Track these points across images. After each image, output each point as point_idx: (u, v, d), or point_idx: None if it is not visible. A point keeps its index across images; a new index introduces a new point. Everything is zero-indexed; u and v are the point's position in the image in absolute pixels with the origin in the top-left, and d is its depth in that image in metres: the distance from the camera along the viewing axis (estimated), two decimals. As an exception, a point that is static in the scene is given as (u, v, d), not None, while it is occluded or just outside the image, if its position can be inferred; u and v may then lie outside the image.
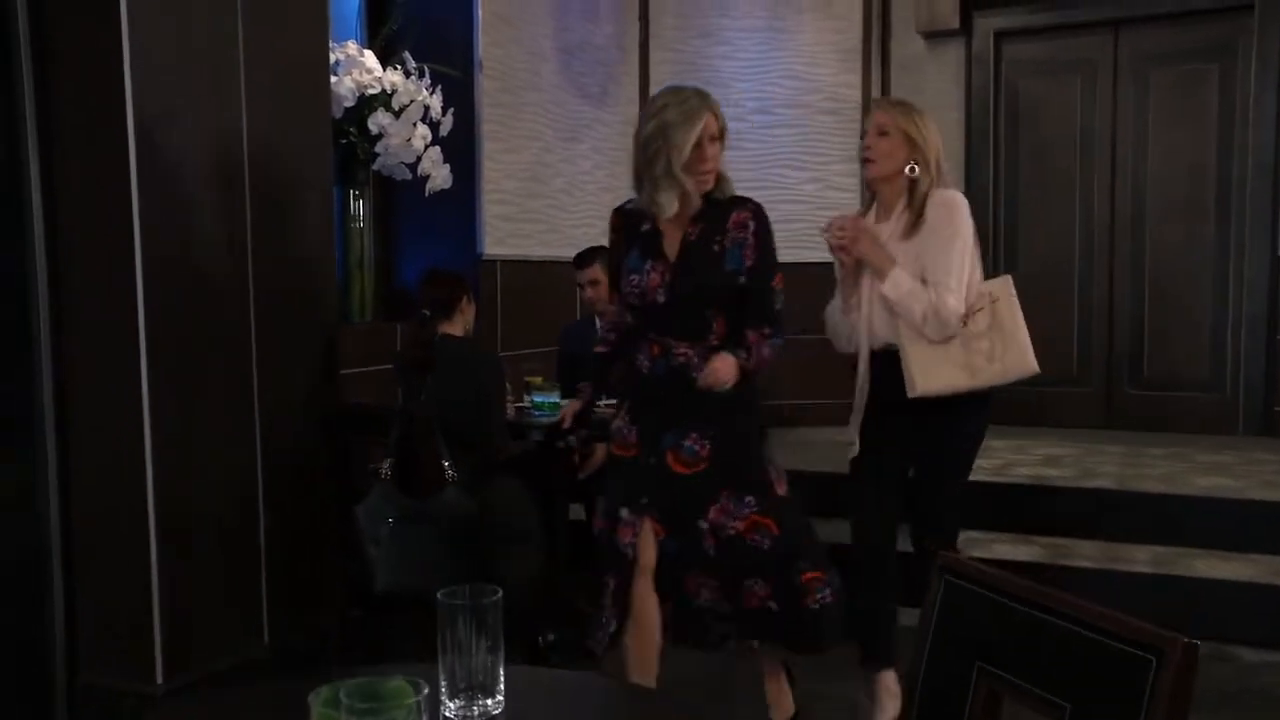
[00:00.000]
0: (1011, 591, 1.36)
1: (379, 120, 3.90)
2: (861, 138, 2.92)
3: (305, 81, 3.25)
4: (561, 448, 3.55)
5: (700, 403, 2.65)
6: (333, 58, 3.64)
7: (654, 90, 5.86)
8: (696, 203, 2.68)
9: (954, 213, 2.85)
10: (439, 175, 4.11)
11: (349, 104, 3.85)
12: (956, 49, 5.85)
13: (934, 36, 5.83)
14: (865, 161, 2.93)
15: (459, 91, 4.41)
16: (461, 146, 4.42)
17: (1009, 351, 2.87)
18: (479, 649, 1.26)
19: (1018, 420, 5.68)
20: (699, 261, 2.67)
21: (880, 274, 2.85)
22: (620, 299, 2.81)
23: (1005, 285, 2.92)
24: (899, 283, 2.82)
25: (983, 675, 1.39)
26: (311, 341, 3.25)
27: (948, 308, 2.79)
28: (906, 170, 2.85)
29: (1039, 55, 5.82)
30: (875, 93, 5.89)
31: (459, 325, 3.52)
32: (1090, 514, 4.27)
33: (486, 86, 4.64)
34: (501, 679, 1.27)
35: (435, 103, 4.12)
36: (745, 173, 5.80)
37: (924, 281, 2.82)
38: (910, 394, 2.82)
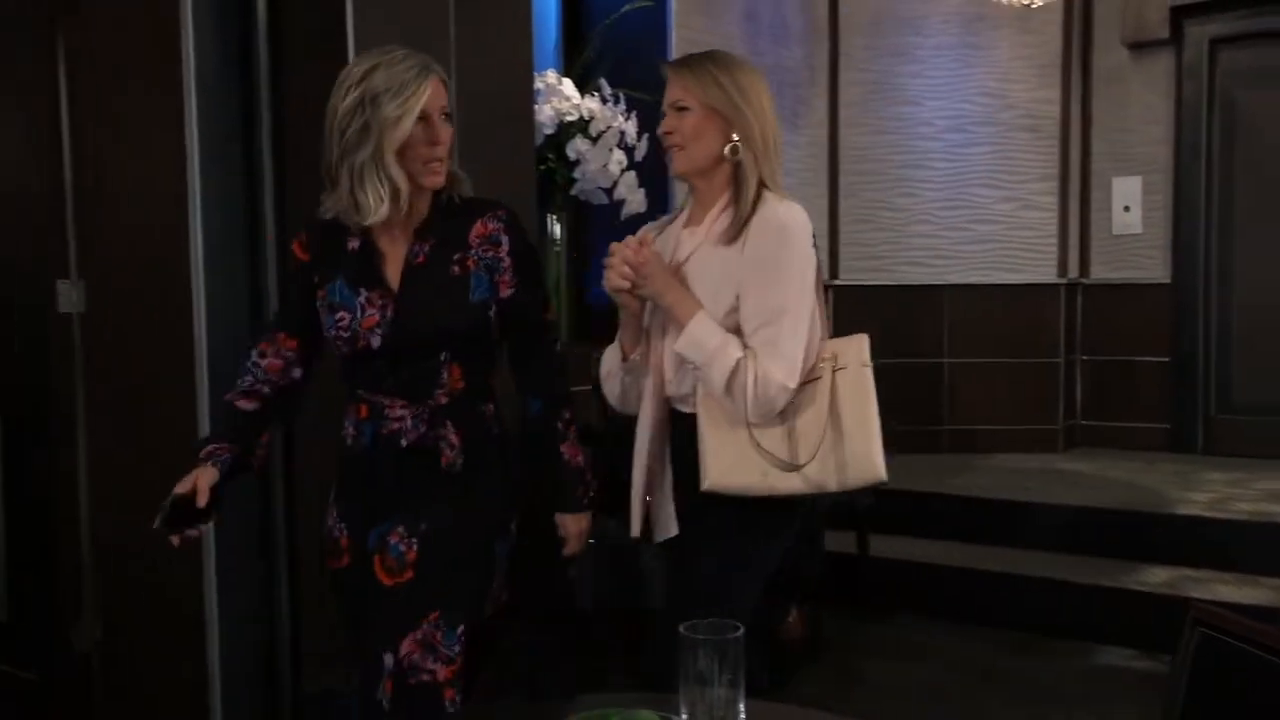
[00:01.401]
0: (1286, 649, 1.27)
1: (577, 146, 3.99)
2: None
3: (511, 112, 3.35)
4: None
5: (415, 483, 1.94)
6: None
7: (845, 112, 5.83)
8: (422, 209, 1.97)
9: (788, 239, 1.98)
10: (634, 199, 4.16)
11: (549, 131, 3.96)
12: (1165, 59, 5.56)
13: (1140, 47, 5.56)
14: (667, 150, 2.10)
15: (652, 116, 4.46)
16: (655, 170, 4.47)
17: (846, 445, 1.95)
18: (720, 682, 1.27)
19: (1233, 452, 5.34)
20: (431, 291, 1.94)
21: (676, 322, 2.01)
22: (282, 341, 2.03)
23: (857, 349, 2.02)
24: (701, 340, 1.95)
25: (1249, 737, 1.30)
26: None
27: (772, 383, 1.93)
28: (727, 152, 2.03)
29: (1260, 63, 5.45)
30: (1076, 108, 5.67)
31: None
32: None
33: (679, 111, 4.68)
34: (742, 713, 1.27)
35: (630, 128, 4.19)
36: (935, 193, 5.70)
37: (738, 329, 1.99)
38: (702, 485, 1.98)
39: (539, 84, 3.95)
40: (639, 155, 4.23)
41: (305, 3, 2.79)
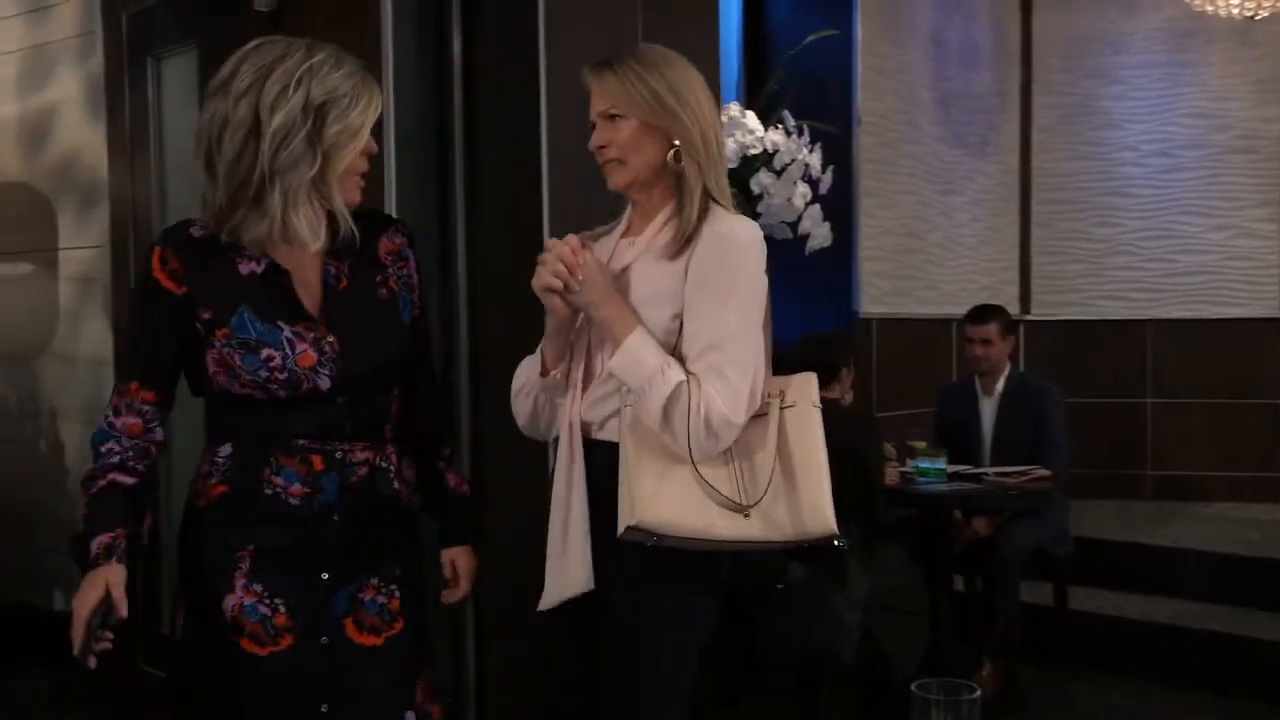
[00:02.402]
0: None
1: (761, 180, 3.92)
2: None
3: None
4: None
5: (383, 532, 1.74)
6: (719, 121, 3.70)
7: (1038, 137, 5.59)
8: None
9: (740, 257, 1.76)
10: (819, 233, 4.06)
11: (732, 165, 3.90)
12: None
13: (1385, 55, 5.13)
14: (602, 165, 1.87)
15: (837, 147, 4.38)
16: (838, 203, 4.37)
17: (795, 493, 1.73)
18: (953, 745, 1.20)
19: None
20: (368, 319, 1.73)
21: (611, 337, 1.78)
22: (135, 393, 1.66)
23: (805, 386, 1.81)
24: (640, 359, 1.72)
25: None
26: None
27: (715, 415, 1.69)
28: (669, 158, 1.80)
29: None
30: (1301, 126, 5.27)
31: (835, 391, 3.47)
32: None
33: (864, 141, 4.58)
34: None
35: (815, 160, 4.09)
36: (1138, 221, 5.39)
37: (678, 353, 1.76)
38: (620, 527, 1.71)
39: (723, 118, 3.91)
40: (824, 188, 4.14)
41: (497, 43, 2.85)
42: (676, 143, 1.79)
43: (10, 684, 3.82)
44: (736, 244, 1.76)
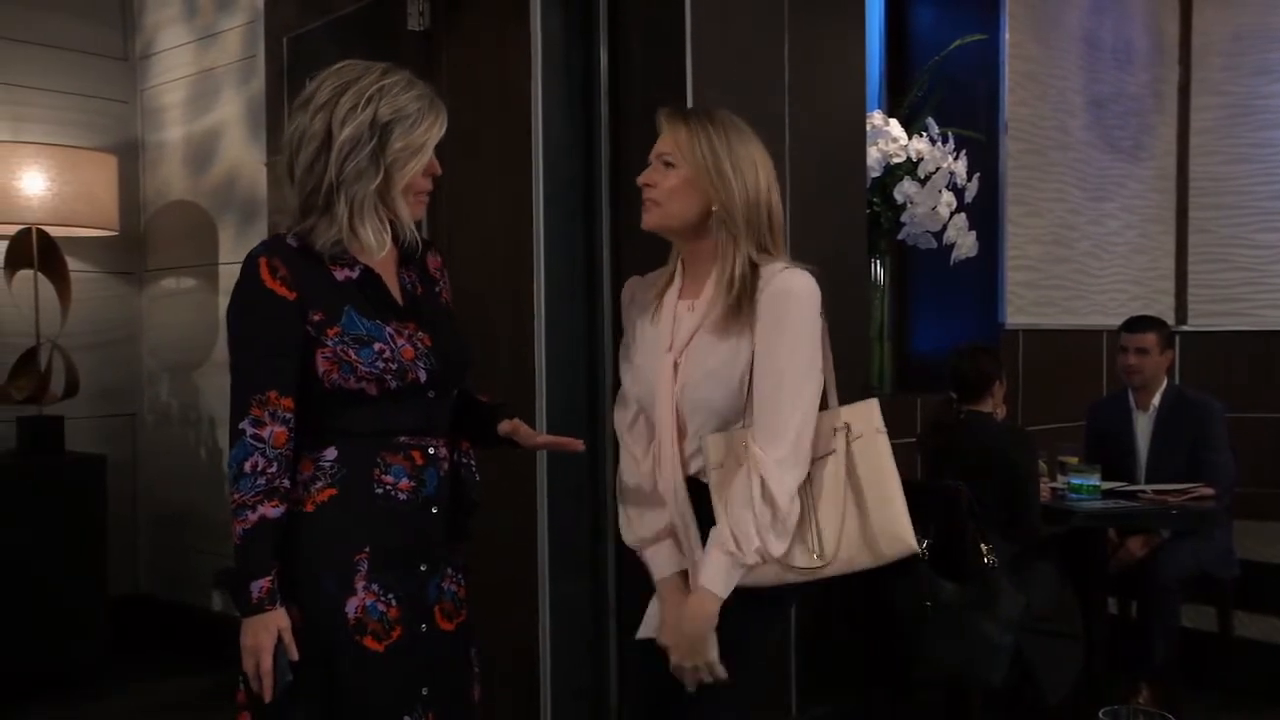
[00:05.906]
0: None
1: (905, 189, 3.85)
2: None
3: (843, 156, 3.27)
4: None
5: (458, 520, 1.84)
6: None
7: (1197, 139, 5.33)
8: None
9: (788, 312, 1.82)
10: (965, 243, 3.97)
11: (875, 174, 3.85)
12: None
13: None
14: (643, 202, 1.92)
15: (982, 154, 4.26)
16: (984, 211, 4.26)
17: (871, 520, 1.81)
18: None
19: None
20: (443, 319, 1.84)
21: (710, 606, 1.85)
22: (275, 401, 1.68)
23: (868, 415, 1.88)
24: (723, 578, 1.81)
25: None
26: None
27: (772, 489, 1.78)
28: (711, 220, 1.87)
29: None
30: None
31: (988, 404, 3.37)
32: None
33: (1011, 148, 4.44)
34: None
35: (960, 168, 4.00)
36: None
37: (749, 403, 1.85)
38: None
39: (866, 126, 3.85)
40: (969, 196, 4.03)
41: (644, 64, 2.86)
42: (715, 207, 1.85)
43: (170, 682, 3.99)
44: (789, 301, 1.82)
